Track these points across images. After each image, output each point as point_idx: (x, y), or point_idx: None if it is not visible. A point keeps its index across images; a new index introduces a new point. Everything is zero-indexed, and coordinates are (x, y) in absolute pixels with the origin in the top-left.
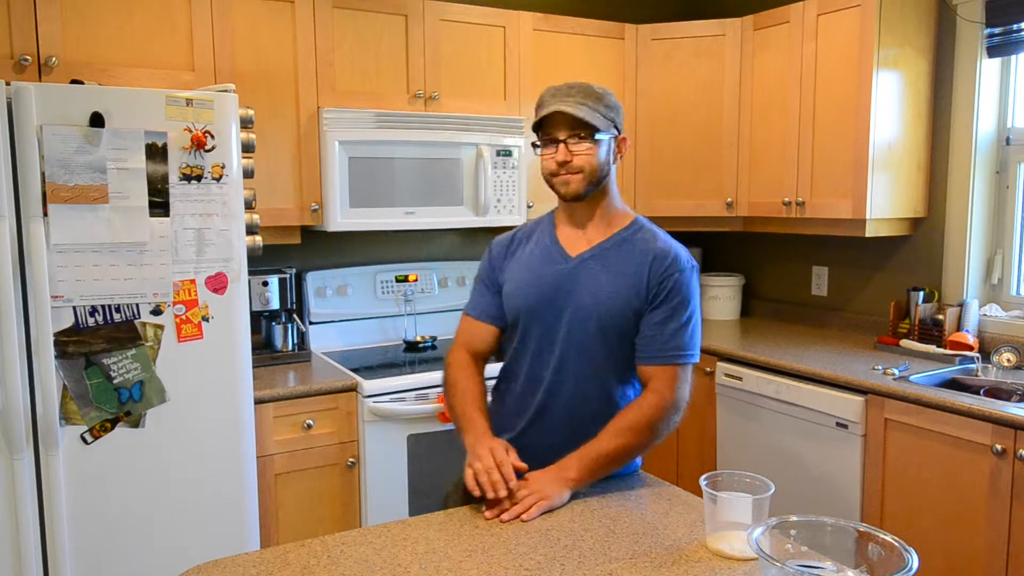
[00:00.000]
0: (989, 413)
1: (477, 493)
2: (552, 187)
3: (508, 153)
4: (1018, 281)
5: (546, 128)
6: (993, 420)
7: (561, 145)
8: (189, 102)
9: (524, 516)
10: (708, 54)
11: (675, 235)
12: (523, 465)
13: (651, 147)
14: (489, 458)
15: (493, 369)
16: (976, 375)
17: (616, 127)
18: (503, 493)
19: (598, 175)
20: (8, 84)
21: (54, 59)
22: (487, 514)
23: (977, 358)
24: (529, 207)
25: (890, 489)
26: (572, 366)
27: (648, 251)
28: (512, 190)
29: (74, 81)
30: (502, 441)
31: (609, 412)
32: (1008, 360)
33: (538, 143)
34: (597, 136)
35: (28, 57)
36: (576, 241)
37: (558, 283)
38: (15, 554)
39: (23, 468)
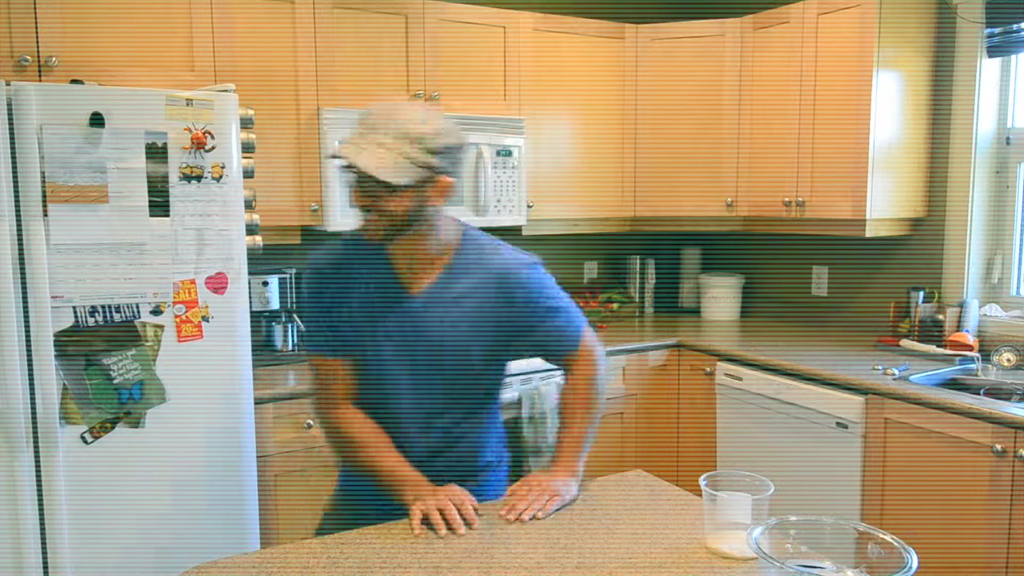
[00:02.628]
0: (989, 413)
1: (418, 532)
2: None
3: (508, 153)
4: (1018, 281)
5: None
6: (993, 420)
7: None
8: (189, 102)
9: (540, 514)
10: (708, 54)
11: (675, 235)
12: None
13: (651, 147)
14: (445, 499)
15: None
16: (976, 375)
17: (435, 169)
18: (462, 531)
19: (403, 223)
20: (8, 84)
21: (54, 59)
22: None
23: (977, 358)
24: (529, 207)
25: (890, 489)
26: (432, 407)
27: (492, 274)
28: (512, 190)
29: (74, 81)
30: (455, 486)
31: (477, 430)
32: (1008, 360)
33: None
34: (396, 189)
35: (28, 57)
36: (415, 276)
37: (405, 324)
38: (16, 554)
39: (23, 468)
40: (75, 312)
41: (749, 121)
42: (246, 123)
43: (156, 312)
